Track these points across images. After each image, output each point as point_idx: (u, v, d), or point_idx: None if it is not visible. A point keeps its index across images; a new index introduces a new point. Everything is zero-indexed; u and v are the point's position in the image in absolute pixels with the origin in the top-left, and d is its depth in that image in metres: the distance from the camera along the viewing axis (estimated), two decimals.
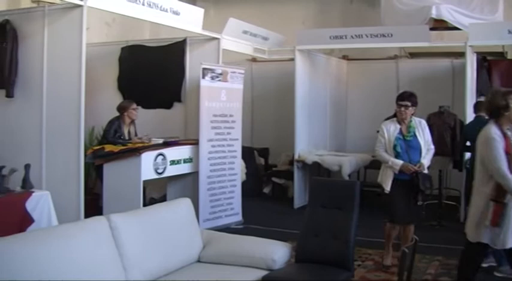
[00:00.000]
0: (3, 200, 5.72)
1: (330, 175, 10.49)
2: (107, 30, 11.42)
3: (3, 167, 6.13)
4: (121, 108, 8.42)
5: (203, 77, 8.35)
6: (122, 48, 9.95)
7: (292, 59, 10.53)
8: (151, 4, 7.67)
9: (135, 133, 8.52)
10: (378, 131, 9.16)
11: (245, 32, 10.03)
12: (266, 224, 8.78)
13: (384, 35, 9.73)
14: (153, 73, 9.52)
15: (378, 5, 11.46)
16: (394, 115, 6.83)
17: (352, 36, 9.98)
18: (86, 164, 6.98)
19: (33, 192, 6.01)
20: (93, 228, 4.28)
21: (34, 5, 9.09)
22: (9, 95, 7.10)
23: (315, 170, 10.53)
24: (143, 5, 7.53)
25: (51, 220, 6.03)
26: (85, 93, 6.70)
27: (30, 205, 5.86)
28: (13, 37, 7.13)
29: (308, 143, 10.84)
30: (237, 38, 9.79)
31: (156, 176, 7.84)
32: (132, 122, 8.53)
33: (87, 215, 6.34)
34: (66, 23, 6.86)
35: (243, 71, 9.16)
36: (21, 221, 5.76)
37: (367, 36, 9.86)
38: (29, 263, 3.57)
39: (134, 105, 8.46)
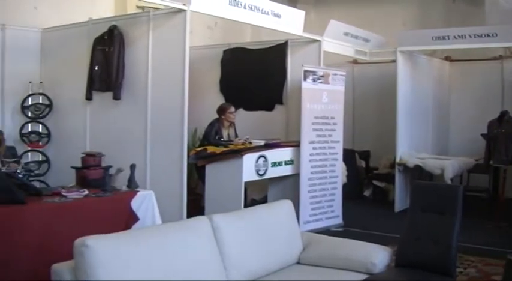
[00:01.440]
0: (110, 199, 5.91)
1: (431, 179, 10.25)
2: (209, 33, 11.61)
3: (110, 166, 6.35)
4: (219, 111, 8.53)
5: (304, 80, 8.36)
6: (224, 51, 10.08)
7: (394, 61, 10.39)
8: (253, 7, 7.75)
9: (235, 135, 8.62)
10: (482, 135, 8.89)
11: (346, 34, 9.97)
12: (366, 227, 8.67)
13: (488, 35, 9.41)
14: (254, 76, 9.60)
15: (481, 3, 11.10)
16: (500, 118, 6.53)
17: (455, 37, 9.72)
18: (188, 164, 7.12)
19: (138, 191, 6.16)
20: (196, 228, 4.34)
21: (139, 10, 9.37)
22: (116, 97, 7.34)
23: (417, 174, 10.33)
24: (245, 8, 7.62)
25: (155, 219, 6.18)
26: (188, 95, 6.84)
27: (135, 203, 6.03)
28: (120, 42, 7.37)
29: (410, 146, 10.64)
30: (338, 40, 9.75)
31: (257, 178, 7.90)
32: (231, 124, 8.64)
33: (190, 214, 6.48)
34: (170, 27, 7.03)
35: (344, 73, 9.11)
36: (126, 219, 5.93)
37: (470, 37, 9.58)
38: (133, 259, 3.67)
39: (231, 109, 8.55)
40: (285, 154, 8.36)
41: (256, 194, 9.44)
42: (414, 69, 10.80)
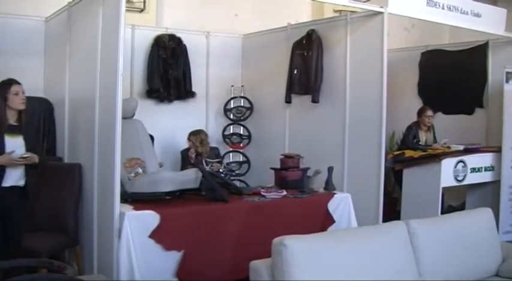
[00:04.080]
0: (307, 200, 6.04)
1: None
2: (406, 35, 11.44)
3: (308, 168, 6.47)
4: (417, 114, 8.41)
5: (507, 82, 7.97)
6: (422, 53, 9.88)
7: None
8: (451, 7, 7.54)
9: (433, 139, 8.45)
10: None
11: None
12: None
13: None
14: (453, 78, 9.29)
15: None
16: None
17: None
18: (386, 168, 7.06)
19: (335, 194, 6.25)
20: (392, 232, 4.32)
21: (336, 14, 9.45)
22: (315, 100, 7.44)
23: None
24: (443, 8, 7.42)
25: (350, 222, 6.21)
26: (386, 98, 6.80)
27: (332, 206, 6.11)
28: (318, 46, 7.47)
29: None
30: None
31: (455, 184, 7.65)
32: (429, 128, 8.46)
33: (385, 219, 6.44)
34: (368, 30, 7.00)
35: None
36: (323, 221, 6.03)
37: None
38: (328, 261, 3.72)
39: (428, 112, 8.35)
40: (485, 159, 8.01)
41: (454, 201, 9.14)
42: None
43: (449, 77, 9.32)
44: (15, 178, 4.92)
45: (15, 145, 4.88)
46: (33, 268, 4.08)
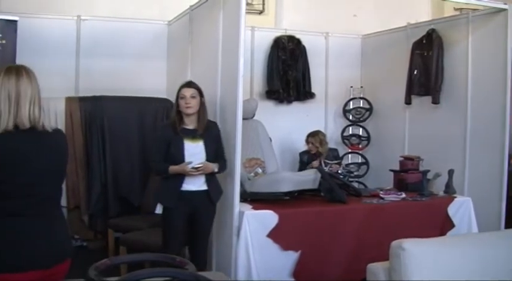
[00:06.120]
0: (427, 204, 5.95)
1: None
2: None
3: (428, 171, 6.36)
4: None
5: None
6: None
7: None
8: None
9: None
10: None
11: None
12: None
13: None
14: None
15: None
16: None
17: None
18: (509, 172, 6.84)
19: (455, 197, 6.13)
20: None
21: (457, 12, 9.22)
22: (436, 101, 7.30)
23: None
24: None
25: (471, 227, 6.06)
26: (509, 99, 6.57)
27: (451, 209, 6.00)
28: (439, 45, 7.32)
29: None
30: None
31: None
32: None
33: (507, 225, 6.25)
34: (490, 29, 6.79)
35: None
36: (442, 225, 5.93)
37: None
38: (448, 266, 3.65)
39: None
40: None
41: None
42: None
43: None
44: (198, 183, 5.04)
45: (196, 150, 4.99)
46: (155, 263, 4.24)
